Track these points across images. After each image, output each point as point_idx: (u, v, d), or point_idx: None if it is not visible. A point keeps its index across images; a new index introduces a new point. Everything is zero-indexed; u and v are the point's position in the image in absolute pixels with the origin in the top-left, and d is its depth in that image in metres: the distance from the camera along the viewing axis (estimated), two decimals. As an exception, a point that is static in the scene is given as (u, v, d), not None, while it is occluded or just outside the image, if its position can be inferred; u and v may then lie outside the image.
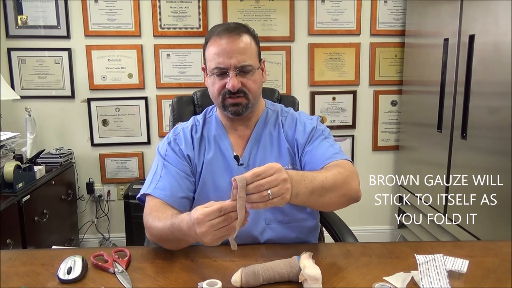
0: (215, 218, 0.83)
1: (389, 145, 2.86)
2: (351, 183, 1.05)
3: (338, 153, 1.15)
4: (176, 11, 2.61)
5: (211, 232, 0.84)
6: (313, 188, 0.95)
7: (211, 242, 0.86)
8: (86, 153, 2.69)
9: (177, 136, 1.23)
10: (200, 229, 0.84)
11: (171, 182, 1.14)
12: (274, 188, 0.84)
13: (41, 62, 2.58)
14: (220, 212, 0.83)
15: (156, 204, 1.09)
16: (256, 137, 1.23)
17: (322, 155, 1.14)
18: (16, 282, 0.90)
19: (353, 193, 1.05)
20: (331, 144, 1.18)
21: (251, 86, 1.15)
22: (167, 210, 1.05)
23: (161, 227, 0.99)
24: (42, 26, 2.55)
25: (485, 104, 1.83)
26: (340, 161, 1.11)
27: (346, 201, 1.07)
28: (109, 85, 2.64)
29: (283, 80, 2.73)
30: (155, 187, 1.13)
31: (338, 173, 1.02)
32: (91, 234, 2.78)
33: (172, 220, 0.96)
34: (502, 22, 1.70)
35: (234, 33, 1.13)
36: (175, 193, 1.12)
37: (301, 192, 0.93)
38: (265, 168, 0.84)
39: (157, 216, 1.03)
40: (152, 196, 1.12)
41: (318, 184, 0.96)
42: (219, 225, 0.84)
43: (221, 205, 0.84)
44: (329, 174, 1.01)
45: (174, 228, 0.95)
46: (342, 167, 1.06)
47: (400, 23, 2.73)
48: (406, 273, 0.90)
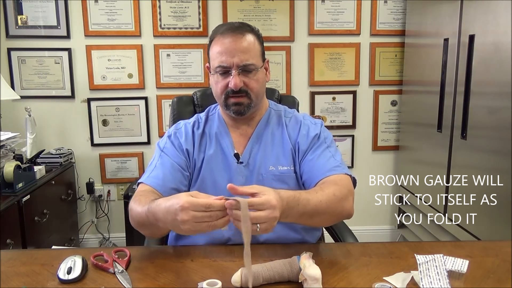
0: (200, 211, 0.83)
1: (389, 145, 2.86)
2: (345, 205, 1.05)
3: (339, 166, 1.14)
4: (176, 11, 2.61)
5: (191, 223, 0.83)
6: (304, 212, 0.96)
7: (187, 232, 0.86)
8: (86, 153, 2.69)
9: (178, 130, 1.25)
10: (182, 216, 0.83)
11: (164, 172, 1.15)
12: (263, 224, 0.84)
13: (41, 62, 2.58)
14: (207, 208, 0.83)
15: (144, 190, 1.10)
16: (258, 136, 1.23)
17: (321, 167, 1.14)
18: (16, 282, 0.90)
19: (344, 214, 1.07)
20: (332, 155, 1.17)
21: (253, 86, 1.15)
22: (152, 196, 1.05)
23: (139, 210, 1.00)
24: (42, 26, 2.55)
25: (485, 104, 1.83)
26: (338, 177, 1.10)
27: (336, 221, 1.11)
28: (109, 85, 2.64)
29: (283, 80, 2.73)
30: (148, 176, 1.14)
31: (332, 196, 1.02)
32: (91, 234, 2.78)
33: (150, 204, 0.96)
34: (502, 22, 1.70)
35: (237, 32, 1.14)
36: (166, 183, 1.13)
37: (291, 215, 0.94)
38: (261, 201, 0.84)
39: (139, 200, 1.04)
40: (144, 183, 1.13)
41: (310, 209, 0.97)
42: (202, 219, 0.83)
43: (210, 203, 0.83)
44: (324, 197, 1.00)
45: (149, 212, 0.94)
46: (339, 186, 1.06)
47: (400, 23, 2.73)
48: (406, 273, 0.90)
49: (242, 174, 1.19)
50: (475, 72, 1.87)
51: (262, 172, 1.19)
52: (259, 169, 1.19)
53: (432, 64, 2.25)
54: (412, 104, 2.65)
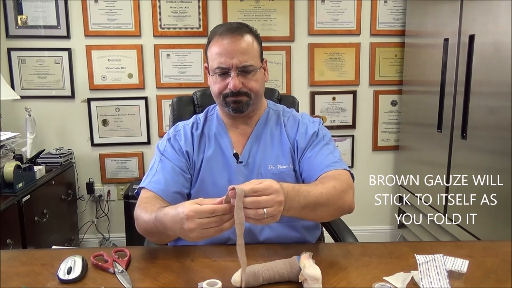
0: (205, 218, 0.83)
1: (389, 145, 2.86)
2: (345, 197, 1.05)
3: (337, 162, 1.14)
4: (176, 11, 2.61)
5: (198, 230, 0.83)
6: (306, 204, 0.96)
7: (195, 239, 0.86)
8: (86, 153, 2.69)
9: (177, 132, 1.24)
10: (188, 225, 0.83)
11: (166, 177, 1.14)
12: (270, 208, 0.84)
13: (41, 62, 2.58)
14: (212, 213, 0.83)
15: (148, 196, 1.10)
16: (257, 135, 1.23)
17: (320, 163, 1.14)
18: (16, 282, 0.90)
19: (346, 207, 1.06)
20: (331, 151, 1.18)
21: (252, 86, 1.15)
22: (157, 203, 1.05)
23: (146, 219, 1.00)
24: (42, 26, 2.54)
25: (485, 104, 1.83)
26: (337, 172, 1.11)
27: (338, 214, 1.10)
28: (109, 85, 2.64)
29: (283, 80, 2.73)
30: (149, 181, 1.14)
31: (332, 188, 1.02)
32: (91, 234, 2.78)
33: (156, 213, 0.96)
34: (502, 22, 1.70)
35: (236, 33, 1.13)
36: (169, 187, 1.13)
37: (293, 207, 0.93)
38: (264, 187, 0.84)
39: (145, 207, 1.04)
40: (146, 189, 1.13)
41: (311, 200, 0.97)
42: (208, 225, 0.83)
43: (214, 208, 0.83)
44: (324, 189, 1.00)
45: (157, 221, 0.95)
46: (338, 180, 1.06)
47: (400, 23, 2.73)
48: (406, 273, 0.90)
49: (242, 173, 1.19)
50: (475, 72, 1.87)
51: (262, 171, 1.19)
52: (259, 169, 1.19)
53: (432, 64, 2.25)
54: (412, 104, 2.65)
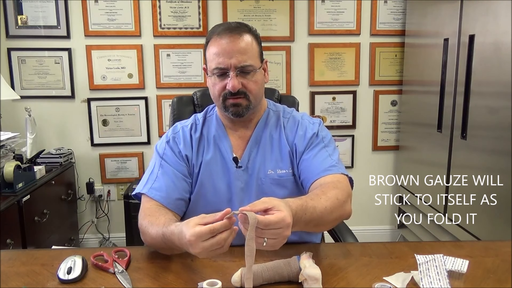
0: (208, 239, 0.81)
1: (389, 145, 2.86)
2: (345, 207, 1.05)
3: (335, 165, 1.13)
4: (176, 11, 2.61)
5: (205, 253, 0.83)
6: (311, 220, 0.95)
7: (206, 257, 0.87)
8: (86, 153, 2.69)
9: (176, 135, 1.22)
10: (193, 250, 0.83)
11: (167, 183, 1.13)
12: (272, 241, 0.82)
13: (41, 62, 2.58)
14: (212, 233, 0.81)
15: (151, 207, 1.09)
16: (256, 139, 1.21)
17: (318, 166, 1.13)
18: (16, 282, 0.90)
19: (345, 216, 1.06)
20: (329, 154, 1.16)
21: (251, 87, 1.13)
22: (161, 215, 1.04)
23: (154, 235, 0.99)
24: (42, 26, 2.54)
25: (485, 104, 1.83)
26: (337, 178, 1.09)
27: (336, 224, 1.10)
28: (109, 85, 2.64)
29: (283, 80, 2.73)
30: (151, 187, 1.12)
31: (336, 200, 1.01)
32: (91, 234, 2.78)
33: (163, 230, 0.95)
34: (502, 22, 1.70)
35: (234, 33, 1.11)
36: (171, 195, 1.12)
37: (298, 225, 0.91)
38: (277, 220, 0.80)
39: (150, 221, 1.02)
40: (148, 197, 1.11)
41: (316, 216, 0.96)
42: (212, 247, 0.82)
43: (213, 227, 0.81)
44: (328, 202, 0.99)
45: (166, 239, 0.94)
46: (339, 189, 1.05)
47: (400, 23, 2.73)
48: (406, 273, 0.90)
49: (241, 178, 1.17)
50: (475, 72, 1.87)
51: (261, 176, 1.17)
52: (258, 173, 1.17)
53: (432, 64, 2.25)
54: (412, 104, 2.65)
